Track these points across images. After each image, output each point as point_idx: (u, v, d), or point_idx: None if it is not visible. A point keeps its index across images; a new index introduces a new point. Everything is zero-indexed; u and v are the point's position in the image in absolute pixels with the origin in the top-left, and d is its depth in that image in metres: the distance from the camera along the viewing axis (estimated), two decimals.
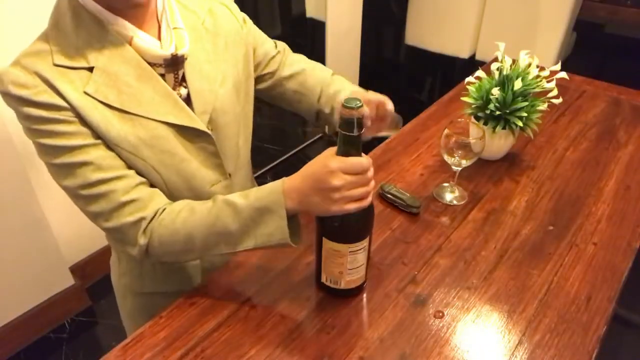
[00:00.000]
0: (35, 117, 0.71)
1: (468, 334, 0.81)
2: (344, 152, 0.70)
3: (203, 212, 0.78)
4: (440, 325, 0.82)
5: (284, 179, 0.75)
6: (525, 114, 1.08)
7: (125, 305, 1.06)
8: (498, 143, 1.15)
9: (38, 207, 1.66)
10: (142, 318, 1.01)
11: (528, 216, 1.04)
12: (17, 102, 0.70)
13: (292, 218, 0.76)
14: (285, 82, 1.00)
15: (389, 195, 1.06)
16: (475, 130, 1.04)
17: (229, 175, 0.92)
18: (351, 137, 0.69)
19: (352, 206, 0.71)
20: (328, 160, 0.70)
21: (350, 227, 0.77)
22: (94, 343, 1.84)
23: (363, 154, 0.72)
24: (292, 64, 1.01)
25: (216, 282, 0.90)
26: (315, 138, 2.92)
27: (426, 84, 3.44)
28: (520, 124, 1.08)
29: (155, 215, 0.79)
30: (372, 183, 0.72)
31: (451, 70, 3.08)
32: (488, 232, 1.00)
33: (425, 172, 1.17)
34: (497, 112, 1.09)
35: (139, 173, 0.80)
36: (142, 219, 0.78)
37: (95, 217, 0.78)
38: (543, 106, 1.11)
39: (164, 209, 0.79)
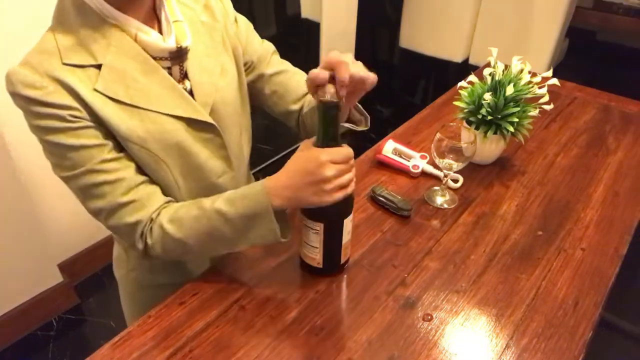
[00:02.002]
0: (44, 115, 0.71)
1: (456, 337, 0.81)
2: (324, 143, 0.72)
3: (193, 222, 0.80)
4: (429, 328, 0.82)
5: (264, 181, 0.77)
6: (516, 120, 1.09)
7: (133, 300, 1.06)
8: (489, 148, 1.16)
9: (27, 203, 1.65)
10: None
11: (518, 221, 1.04)
12: (26, 101, 0.71)
13: (280, 214, 0.79)
14: (266, 79, 0.99)
15: (380, 198, 1.06)
16: (466, 135, 1.04)
17: (234, 166, 0.93)
18: (330, 123, 0.72)
19: (340, 194, 0.74)
20: (316, 153, 0.73)
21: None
22: (81, 341, 1.83)
23: (343, 144, 0.75)
24: (276, 64, 1.01)
25: (206, 282, 0.90)
26: None
27: (419, 87, 3.45)
28: (511, 129, 1.09)
29: (152, 218, 0.81)
30: (354, 169, 0.77)
31: (444, 74, 3.09)
32: (478, 235, 1.01)
33: (417, 175, 1.17)
34: (489, 117, 1.09)
35: (148, 166, 0.81)
36: (139, 221, 0.80)
37: (96, 214, 0.80)
38: (534, 112, 1.12)
39: (159, 213, 0.81)
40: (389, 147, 1.19)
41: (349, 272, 0.92)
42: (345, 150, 0.74)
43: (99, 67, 0.74)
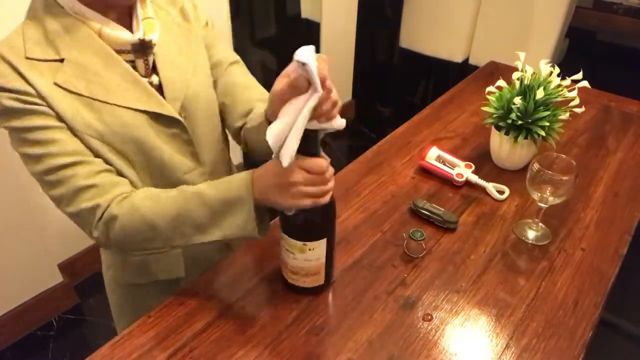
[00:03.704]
0: (6, 101, 0.72)
1: (456, 337, 0.81)
2: (303, 151, 0.71)
3: (168, 200, 0.77)
4: (429, 328, 0.82)
5: (253, 170, 0.76)
6: (547, 124, 1.07)
7: (113, 298, 1.06)
8: (520, 153, 1.14)
9: (27, 203, 1.65)
10: (130, 310, 1.02)
11: (518, 221, 1.04)
12: None
13: (260, 209, 0.77)
14: (220, 90, 0.95)
15: (423, 211, 1.03)
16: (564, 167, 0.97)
17: (203, 163, 0.92)
18: (310, 135, 0.70)
19: (308, 201, 0.73)
20: None
21: (303, 224, 0.79)
22: (81, 341, 1.83)
23: (324, 154, 0.74)
24: (231, 75, 0.96)
25: (205, 283, 0.90)
26: None
27: (419, 87, 3.45)
28: (542, 133, 1.07)
29: (114, 202, 0.78)
30: (331, 183, 0.74)
31: (444, 74, 3.09)
32: (478, 236, 1.01)
33: (416, 175, 1.17)
34: (519, 122, 1.08)
35: (109, 162, 0.80)
36: (99, 205, 0.77)
37: (58, 202, 0.78)
38: (565, 115, 1.11)
39: (125, 197, 0.78)
40: (433, 154, 1.17)
41: (349, 272, 0.92)
42: (319, 161, 0.72)
43: (61, 61, 0.75)
